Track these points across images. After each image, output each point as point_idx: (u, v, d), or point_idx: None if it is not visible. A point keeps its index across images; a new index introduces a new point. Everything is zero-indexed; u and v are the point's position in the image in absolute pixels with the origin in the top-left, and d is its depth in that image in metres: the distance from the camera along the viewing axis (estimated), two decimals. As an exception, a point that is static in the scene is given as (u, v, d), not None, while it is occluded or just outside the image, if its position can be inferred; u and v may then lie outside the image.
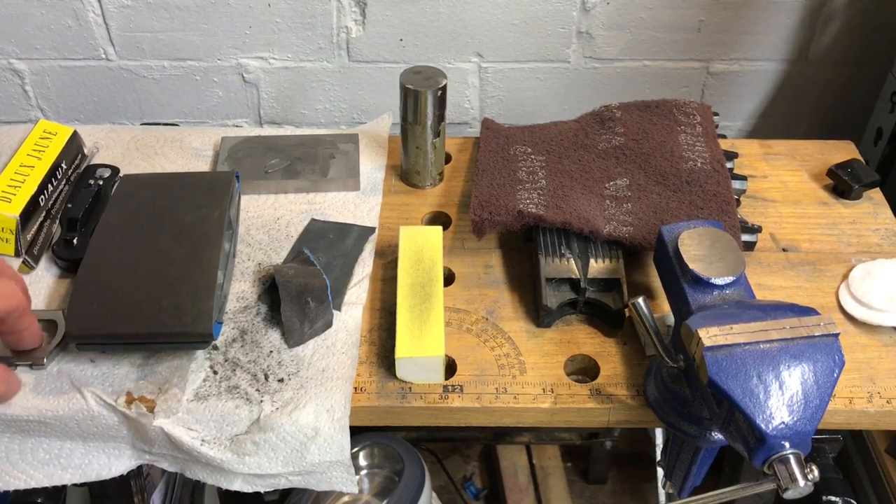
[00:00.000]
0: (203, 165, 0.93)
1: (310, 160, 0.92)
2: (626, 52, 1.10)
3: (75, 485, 0.83)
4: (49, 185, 0.86)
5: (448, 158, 0.97)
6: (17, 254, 0.81)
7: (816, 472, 0.54)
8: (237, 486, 0.69)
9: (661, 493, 1.23)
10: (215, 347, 0.72)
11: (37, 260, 0.81)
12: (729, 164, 0.89)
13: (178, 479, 1.09)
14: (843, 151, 0.98)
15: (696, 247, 0.67)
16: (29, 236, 0.83)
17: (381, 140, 0.98)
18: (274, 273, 0.76)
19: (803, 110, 1.18)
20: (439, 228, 0.81)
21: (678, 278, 0.67)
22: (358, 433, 1.11)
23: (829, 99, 1.17)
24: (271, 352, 0.73)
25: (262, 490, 0.69)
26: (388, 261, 0.83)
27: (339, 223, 0.86)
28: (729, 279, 0.65)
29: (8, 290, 0.63)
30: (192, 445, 0.67)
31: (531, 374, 0.72)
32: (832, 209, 0.90)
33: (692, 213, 0.81)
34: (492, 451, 1.44)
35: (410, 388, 0.71)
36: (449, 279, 0.82)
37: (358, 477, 1.12)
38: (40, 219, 0.84)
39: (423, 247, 0.79)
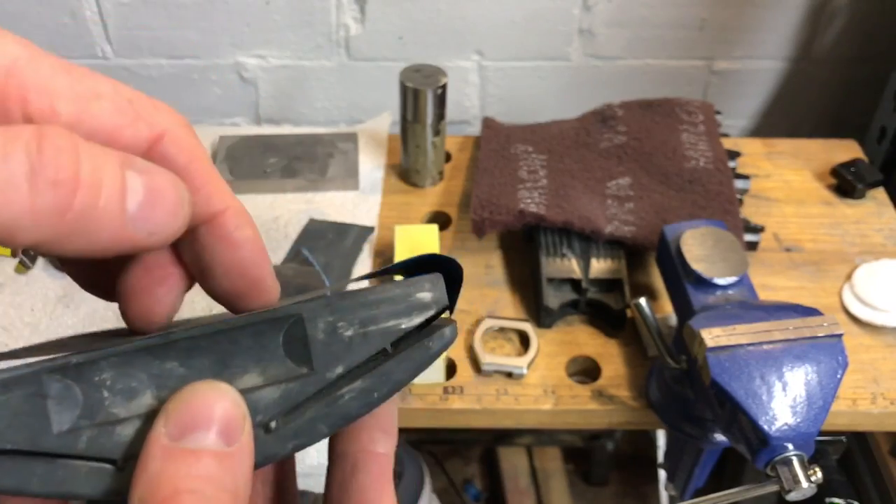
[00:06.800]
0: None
1: (308, 159, 0.91)
2: (627, 50, 1.09)
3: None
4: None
5: (448, 157, 0.96)
6: (14, 254, 0.81)
7: (819, 474, 0.53)
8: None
9: (664, 495, 1.23)
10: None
11: (33, 260, 0.80)
12: (732, 163, 0.89)
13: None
14: (846, 150, 0.97)
15: (698, 247, 0.67)
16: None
17: (381, 139, 0.97)
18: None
19: (806, 109, 1.18)
20: (435, 227, 0.80)
21: (681, 278, 0.66)
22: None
23: (833, 97, 1.16)
24: (269, 352, 0.72)
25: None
26: (385, 259, 0.82)
27: (338, 223, 0.85)
28: (732, 279, 0.64)
29: None
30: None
31: (532, 375, 0.71)
32: (836, 209, 0.89)
33: (695, 212, 0.80)
34: (492, 454, 1.43)
35: (410, 389, 0.70)
36: (449, 279, 0.81)
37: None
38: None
39: (419, 246, 0.78)
